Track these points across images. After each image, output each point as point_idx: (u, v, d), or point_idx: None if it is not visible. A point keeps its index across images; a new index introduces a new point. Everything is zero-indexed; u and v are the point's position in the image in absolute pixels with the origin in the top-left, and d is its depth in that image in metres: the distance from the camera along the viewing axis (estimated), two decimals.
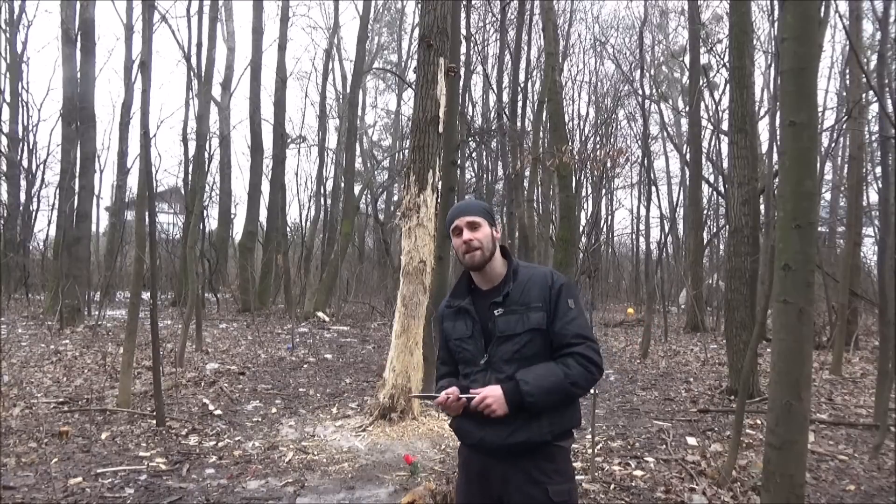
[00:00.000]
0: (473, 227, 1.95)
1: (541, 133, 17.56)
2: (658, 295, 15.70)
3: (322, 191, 23.57)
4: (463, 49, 13.20)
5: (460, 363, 2.02)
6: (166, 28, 20.90)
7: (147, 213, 6.04)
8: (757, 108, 12.60)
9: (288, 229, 23.90)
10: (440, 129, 6.07)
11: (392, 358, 5.80)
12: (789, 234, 2.63)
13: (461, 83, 12.99)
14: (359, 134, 23.22)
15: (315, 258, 22.19)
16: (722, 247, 20.72)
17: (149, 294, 7.01)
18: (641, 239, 23.45)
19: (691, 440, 5.32)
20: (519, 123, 17.18)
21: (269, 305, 19.23)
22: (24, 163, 20.93)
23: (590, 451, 4.54)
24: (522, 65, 18.90)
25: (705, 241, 18.91)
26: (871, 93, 9.69)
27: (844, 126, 11.89)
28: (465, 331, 1.98)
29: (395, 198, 24.90)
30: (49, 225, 24.01)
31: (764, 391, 6.80)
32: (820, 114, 10.46)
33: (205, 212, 22.82)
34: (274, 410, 6.31)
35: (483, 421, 1.84)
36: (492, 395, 1.81)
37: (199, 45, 19.65)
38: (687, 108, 19.13)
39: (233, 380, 7.80)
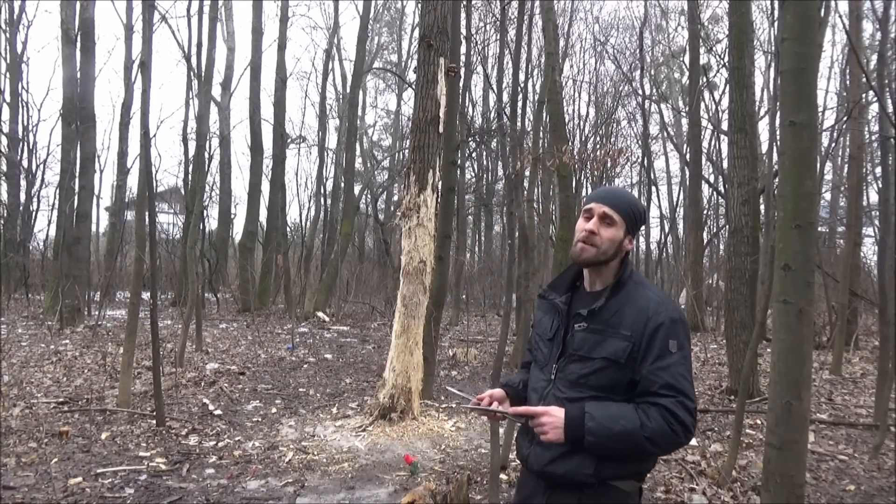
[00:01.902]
0: (606, 220, 1.66)
1: (541, 133, 17.52)
2: None
3: (322, 191, 23.56)
4: (463, 49, 13.19)
5: (533, 361, 1.83)
6: (166, 28, 20.91)
7: (147, 213, 6.04)
8: (757, 108, 12.58)
9: (288, 229, 23.87)
10: (440, 129, 6.08)
11: (392, 358, 5.81)
12: (789, 234, 2.63)
13: (461, 83, 12.97)
14: (359, 134, 23.20)
15: (315, 258, 22.15)
16: (722, 247, 20.71)
17: (149, 294, 7.01)
18: (641, 239, 23.42)
19: (691, 440, 5.32)
20: (519, 123, 17.14)
21: (269, 305, 19.22)
22: (24, 163, 20.93)
23: None
24: (522, 65, 18.87)
25: (705, 241, 18.89)
26: (871, 93, 9.69)
27: (844, 126, 11.88)
28: (548, 331, 1.75)
29: (395, 198, 24.89)
30: (49, 225, 24.01)
31: (764, 391, 6.80)
32: (820, 114, 10.45)
33: (205, 212, 22.80)
34: (274, 410, 6.31)
35: (534, 437, 1.65)
36: (551, 417, 1.56)
37: (199, 45, 19.63)
38: (687, 108, 19.12)
39: (233, 380, 7.80)
